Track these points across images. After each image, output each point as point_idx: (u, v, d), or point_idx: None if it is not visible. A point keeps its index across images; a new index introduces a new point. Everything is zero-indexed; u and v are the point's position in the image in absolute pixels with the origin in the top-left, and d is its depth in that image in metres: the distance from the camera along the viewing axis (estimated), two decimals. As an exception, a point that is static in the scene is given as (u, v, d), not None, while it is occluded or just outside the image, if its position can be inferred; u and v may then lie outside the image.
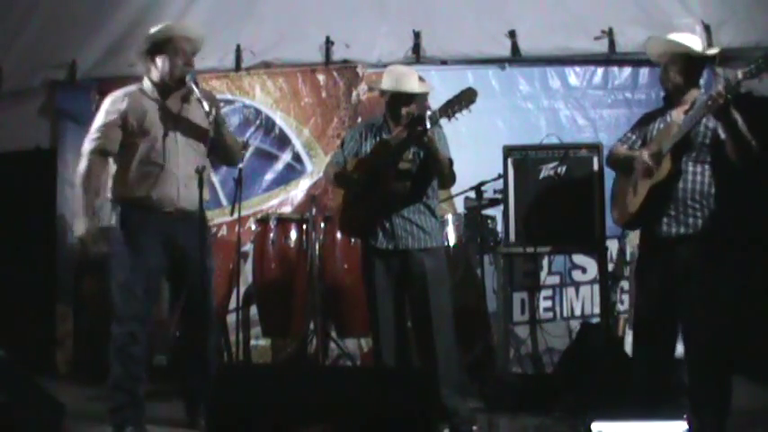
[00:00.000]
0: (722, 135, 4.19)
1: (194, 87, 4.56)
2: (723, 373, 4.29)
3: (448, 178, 4.79)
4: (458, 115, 4.41)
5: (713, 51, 4.51)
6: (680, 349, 4.53)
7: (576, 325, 5.97)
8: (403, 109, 4.70)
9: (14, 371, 4.58)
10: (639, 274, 4.63)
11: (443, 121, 4.53)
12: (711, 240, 4.28)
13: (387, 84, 4.74)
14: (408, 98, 4.70)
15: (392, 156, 4.59)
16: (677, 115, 4.34)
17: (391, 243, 4.69)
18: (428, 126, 4.41)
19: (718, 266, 4.29)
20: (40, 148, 6.86)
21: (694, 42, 4.36)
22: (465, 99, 4.38)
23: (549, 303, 6.33)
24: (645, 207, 4.34)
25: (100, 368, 5.94)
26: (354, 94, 6.65)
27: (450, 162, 4.70)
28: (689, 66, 4.34)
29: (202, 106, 4.52)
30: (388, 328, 4.74)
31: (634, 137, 4.60)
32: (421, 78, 4.90)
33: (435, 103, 4.94)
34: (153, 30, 4.65)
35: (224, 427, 3.49)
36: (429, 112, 4.45)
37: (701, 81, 4.54)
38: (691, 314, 4.33)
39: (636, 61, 6.33)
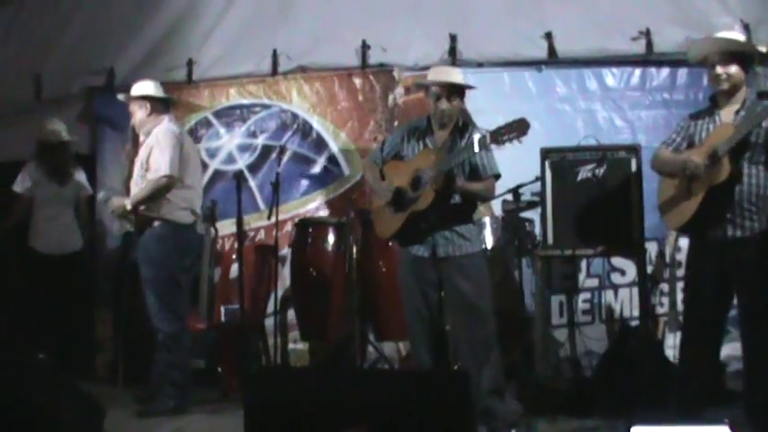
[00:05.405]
0: None
1: None
2: None
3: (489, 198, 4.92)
4: (507, 144, 4.36)
5: (764, 48, 4.45)
6: (723, 351, 4.48)
7: (614, 328, 5.91)
8: (441, 103, 4.69)
9: (58, 373, 4.64)
10: (690, 276, 4.53)
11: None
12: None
13: (430, 77, 4.82)
14: (444, 90, 4.70)
15: (438, 167, 4.56)
16: (726, 115, 4.27)
17: (429, 251, 4.69)
18: (476, 150, 4.41)
19: None
20: (80, 154, 6.87)
21: (741, 39, 4.30)
22: (517, 128, 4.32)
23: (587, 306, 6.28)
24: (701, 210, 4.24)
25: (139, 371, 6.02)
26: (391, 97, 6.64)
27: (497, 177, 4.73)
28: (742, 63, 4.26)
29: None
30: (423, 332, 4.75)
31: (679, 139, 4.51)
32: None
33: (471, 103, 4.94)
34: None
35: (262, 430, 3.50)
36: (479, 135, 4.42)
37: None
38: (747, 318, 4.27)
39: (674, 62, 6.25)
